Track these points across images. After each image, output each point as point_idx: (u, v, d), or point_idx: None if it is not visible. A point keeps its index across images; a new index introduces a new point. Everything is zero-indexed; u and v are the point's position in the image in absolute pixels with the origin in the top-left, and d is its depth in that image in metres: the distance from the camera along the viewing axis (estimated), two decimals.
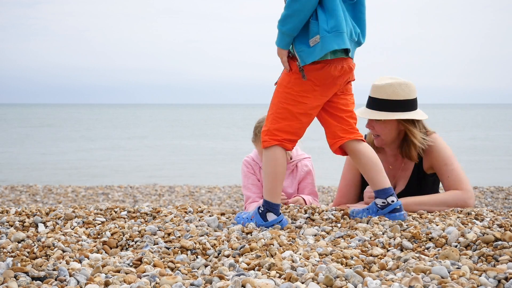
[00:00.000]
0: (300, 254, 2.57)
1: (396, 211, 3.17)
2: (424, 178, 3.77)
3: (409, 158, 3.73)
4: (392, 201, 3.17)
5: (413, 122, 3.67)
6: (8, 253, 2.63)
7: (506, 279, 2.06)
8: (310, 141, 4.16)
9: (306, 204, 3.92)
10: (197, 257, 2.63)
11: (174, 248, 2.69)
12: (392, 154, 3.84)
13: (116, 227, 3.03)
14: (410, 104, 3.65)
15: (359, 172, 3.88)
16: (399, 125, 3.68)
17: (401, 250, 2.69)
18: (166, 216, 3.34)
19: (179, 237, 2.89)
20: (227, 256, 2.59)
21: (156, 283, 2.14)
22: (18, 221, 3.22)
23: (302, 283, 2.14)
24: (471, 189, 3.66)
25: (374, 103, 3.68)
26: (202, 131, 39.55)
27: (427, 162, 3.73)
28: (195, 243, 2.72)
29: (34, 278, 2.22)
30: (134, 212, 3.45)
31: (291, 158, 4.11)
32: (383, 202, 3.17)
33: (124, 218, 3.36)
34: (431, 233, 2.78)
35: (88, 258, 2.54)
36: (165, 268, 2.41)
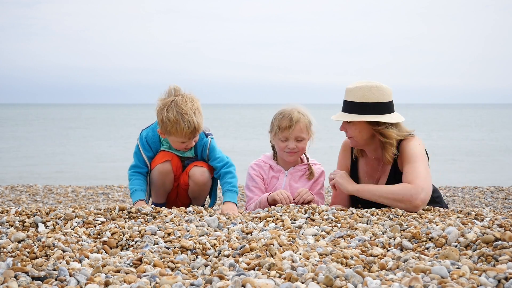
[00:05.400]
0: (300, 254, 2.57)
1: None
2: (400, 177, 3.78)
3: (384, 161, 3.81)
4: None
5: (386, 125, 3.68)
6: (8, 253, 2.63)
7: (506, 279, 2.06)
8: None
9: (314, 198, 3.97)
10: (197, 257, 2.63)
11: (174, 248, 2.69)
12: (372, 158, 3.93)
13: (116, 227, 3.03)
14: (380, 107, 3.69)
15: (349, 162, 4.04)
16: (369, 128, 3.73)
17: (401, 250, 2.69)
18: (166, 216, 3.35)
19: (179, 237, 2.89)
20: (227, 256, 2.59)
21: (156, 283, 2.14)
22: (18, 221, 3.22)
23: (302, 283, 2.14)
24: (425, 187, 3.50)
25: (345, 106, 3.79)
26: None
27: (400, 163, 3.78)
28: (195, 243, 2.72)
29: (34, 278, 2.22)
30: (134, 212, 3.45)
31: (302, 161, 4.21)
32: None
33: (124, 218, 3.36)
34: (431, 233, 2.78)
35: (88, 258, 2.54)
36: (165, 268, 2.41)
